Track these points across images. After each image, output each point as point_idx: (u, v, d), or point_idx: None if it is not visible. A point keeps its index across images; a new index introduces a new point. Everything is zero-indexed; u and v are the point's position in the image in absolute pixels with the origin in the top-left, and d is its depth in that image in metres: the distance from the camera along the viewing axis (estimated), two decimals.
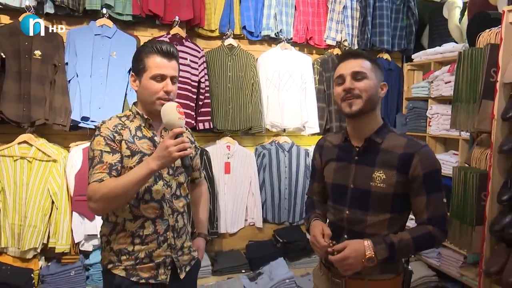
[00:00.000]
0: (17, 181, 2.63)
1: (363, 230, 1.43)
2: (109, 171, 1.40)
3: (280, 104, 3.35)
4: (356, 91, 1.41)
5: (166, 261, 1.53)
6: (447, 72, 3.15)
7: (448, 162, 3.15)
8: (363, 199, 1.44)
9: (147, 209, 1.48)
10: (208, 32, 3.27)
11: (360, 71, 1.42)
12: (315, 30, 3.53)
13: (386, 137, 1.45)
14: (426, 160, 1.39)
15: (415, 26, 3.74)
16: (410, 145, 1.42)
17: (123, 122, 1.51)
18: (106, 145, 1.44)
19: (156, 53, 1.47)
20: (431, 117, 3.38)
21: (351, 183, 1.47)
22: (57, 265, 2.73)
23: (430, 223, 1.39)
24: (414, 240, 1.36)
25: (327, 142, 1.63)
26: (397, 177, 1.39)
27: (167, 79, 1.47)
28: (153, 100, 1.48)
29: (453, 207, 2.43)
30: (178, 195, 1.58)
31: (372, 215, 1.43)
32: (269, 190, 3.41)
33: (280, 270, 3.02)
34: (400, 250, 1.36)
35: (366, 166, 1.45)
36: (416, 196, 1.40)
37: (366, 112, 1.44)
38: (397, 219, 1.45)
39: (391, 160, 1.41)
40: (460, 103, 2.45)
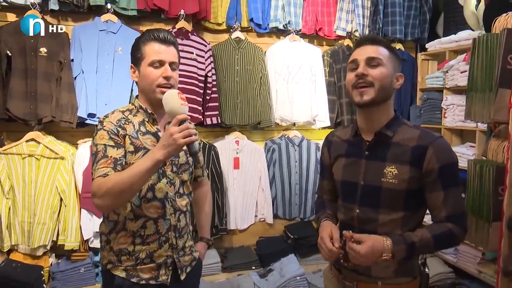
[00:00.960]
0: (26, 179, 2.64)
1: (375, 229, 1.34)
2: (114, 165, 1.35)
3: (289, 98, 3.29)
4: (369, 78, 1.32)
5: (167, 262, 1.49)
6: (462, 61, 3.02)
7: (464, 154, 3.03)
8: (374, 197, 1.35)
9: (149, 208, 1.44)
10: (215, 25, 3.23)
11: (376, 57, 1.33)
12: (324, 21, 3.44)
13: (398, 129, 1.37)
14: (441, 152, 1.30)
15: (429, 14, 3.61)
16: (423, 137, 1.33)
17: (126, 116, 1.46)
18: (110, 139, 1.38)
19: (153, 40, 1.43)
20: (447, 108, 3.26)
21: (361, 180, 1.39)
22: (67, 262, 2.74)
23: (449, 220, 1.30)
24: (434, 238, 1.28)
25: (335, 137, 1.54)
26: (410, 172, 1.31)
27: (165, 65, 1.42)
28: (153, 88, 1.43)
29: (469, 202, 2.33)
30: (181, 193, 1.53)
31: (384, 213, 1.34)
32: (279, 185, 3.35)
33: (291, 267, 2.97)
34: (420, 250, 1.29)
35: (376, 161, 1.36)
36: (432, 191, 1.31)
37: (378, 103, 1.35)
38: (412, 217, 1.36)
39: (403, 154, 1.32)
40: (475, 92, 2.33)
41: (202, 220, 1.76)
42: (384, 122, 1.37)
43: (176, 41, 1.49)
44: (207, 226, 1.77)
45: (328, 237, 1.34)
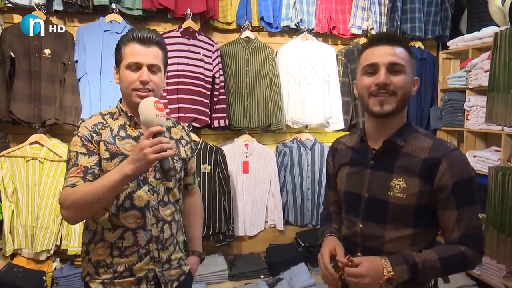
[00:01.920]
0: (29, 182, 2.60)
1: (381, 247, 1.22)
2: (84, 175, 1.27)
3: (301, 99, 3.16)
4: (391, 87, 1.18)
5: (148, 276, 1.38)
6: (487, 60, 2.81)
7: (489, 159, 2.84)
8: (380, 211, 1.22)
9: (127, 218, 1.34)
10: (225, 24, 3.13)
11: (398, 63, 1.19)
12: (339, 19, 3.29)
13: (409, 138, 1.23)
14: (456, 166, 1.16)
15: (451, 10, 3.42)
16: (437, 148, 1.19)
17: (105, 120, 1.38)
18: (83, 146, 1.30)
19: (132, 40, 1.33)
20: (469, 109, 3.06)
21: (365, 192, 1.26)
22: (71, 267, 2.69)
23: (462, 242, 1.16)
24: (441, 261, 1.15)
25: (340, 145, 1.42)
26: (420, 186, 1.17)
27: (143, 68, 1.32)
28: (129, 92, 1.33)
29: (489, 213, 2.15)
30: (165, 202, 1.42)
31: (390, 230, 1.21)
32: (290, 190, 3.22)
33: (301, 277, 2.83)
34: (425, 272, 1.15)
35: (382, 172, 1.23)
36: (444, 210, 1.18)
37: (398, 112, 1.22)
38: (423, 235, 1.22)
39: (413, 165, 1.19)
40: (496, 92, 2.15)
41: (192, 232, 1.64)
42: (395, 129, 1.24)
43: (161, 41, 1.38)
44: (199, 239, 1.66)
45: (329, 253, 1.24)
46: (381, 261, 1.14)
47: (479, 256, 1.19)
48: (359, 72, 1.27)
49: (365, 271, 1.12)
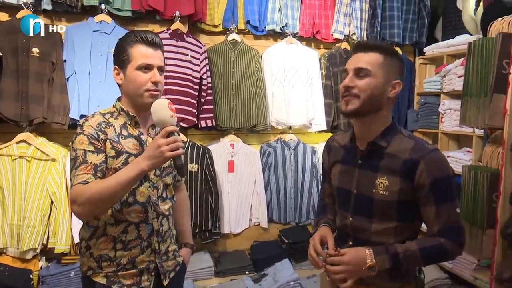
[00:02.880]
0: (16, 181, 2.60)
1: (368, 238, 1.34)
2: (94, 172, 1.31)
3: (285, 101, 3.26)
4: (354, 90, 1.29)
5: (149, 267, 1.45)
6: (460, 66, 3.00)
7: (461, 160, 3.01)
8: (367, 207, 1.34)
9: (130, 213, 1.40)
10: (212, 27, 3.20)
11: (364, 68, 1.29)
12: (322, 24, 3.41)
13: (393, 139, 1.33)
14: (433, 167, 1.26)
15: (427, 18, 3.59)
16: (416, 149, 1.29)
17: (107, 119, 1.42)
18: (90, 144, 1.34)
19: (141, 42, 1.38)
20: (444, 112, 3.24)
21: (354, 189, 1.38)
22: (57, 265, 2.70)
23: (441, 235, 1.27)
24: (421, 251, 1.26)
25: (334, 142, 1.53)
26: (400, 184, 1.28)
27: (154, 69, 1.39)
28: (140, 92, 1.39)
29: (463, 208, 2.30)
30: (164, 197, 1.50)
31: (376, 223, 1.33)
32: (274, 189, 3.32)
33: (285, 272, 2.93)
34: (406, 261, 1.26)
35: (369, 172, 1.34)
36: (425, 205, 1.29)
37: (365, 113, 1.31)
38: (406, 227, 1.34)
39: (395, 165, 1.29)
40: (470, 97, 2.31)
41: (183, 225, 1.71)
42: (379, 131, 1.34)
43: (162, 44, 1.45)
44: (189, 231, 1.74)
45: (319, 238, 1.36)
46: (365, 251, 1.26)
47: (458, 248, 1.30)
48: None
49: (348, 259, 1.25)
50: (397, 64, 1.34)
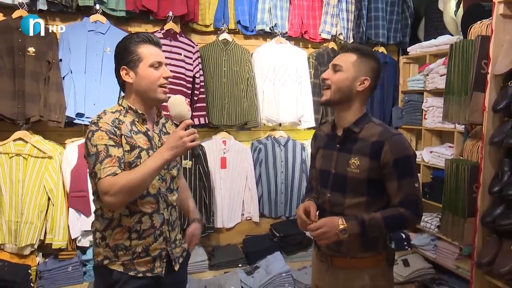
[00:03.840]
0: (13, 178, 2.64)
1: (343, 211, 1.54)
2: (119, 164, 1.40)
3: (275, 99, 3.35)
4: (327, 82, 1.56)
5: (162, 254, 1.55)
6: (442, 65, 3.14)
7: (443, 155, 3.15)
8: (342, 183, 1.56)
9: (144, 204, 1.49)
10: (203, 27, 3.27)
11: (338, 64, 1.55)
12: (310, 24, 3.52)
13: (365, 126, 1.55)
14: (395, 146, 1.48)
15: (410, 19, 3.73)
16: (383, 133, 1.51)
17: (118, 117, 1.50)
18: (110, 139, 1.42)
19: (148, 42, 1.50)
20: (427, 110, 3.38)
21: (333, 169, 1.59)
22: (55, 261, 2.75)
23: (401, 205, 1.47)
24: (384, 219, 1.46)
25: (320, 131, 1.75)
26: (370, 163, 1.49)
27: (163, 66, 1.52)
28: (154, 88, 1.50)
29: (446, 199, 2.45)
30: (172, 189, 1.60)
31: (349, 197, 1.54)
32: (265, 184, 3.42)
33: (277, 264, 3.03)
34: (371, 228, 1.45)
35: (345, 153, 1.56)
36: (388, 181, 1.49)
37: (337, 103, 1.57)
38: (375, 202, 1.54)
39: (365, 147, 1.51)
40: (452, 95, 2.45)
41: (189, 204, 1.80)
42: (353, 119, 1.57)
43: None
44: (195, 208, 1.82)
45: (303, 208, 1.60)
46: (338, 218, 1.47)
47: (416, 218, 1.50)
48: None
49: (322, 223, 1.47)
50: (369, 64, 1.56)
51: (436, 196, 3.10)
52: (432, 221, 3.22)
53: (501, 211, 2.17)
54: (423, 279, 3.10)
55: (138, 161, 1.46)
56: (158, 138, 1.58)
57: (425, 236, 3.38)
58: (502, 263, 2.11)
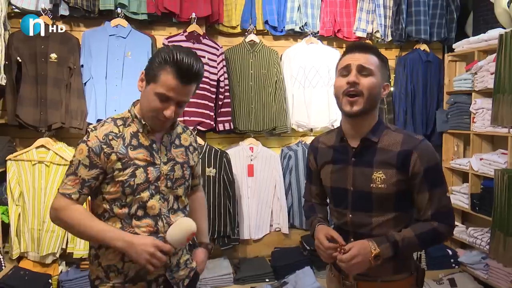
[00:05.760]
0: (36, 186, 2.62)
1: (370, 232, 1.38)
2: (81, 187, 1.31)
3: (306, 102, 3.16)
4: (359, 87, 1.32)
5: (158, 280, 1.40)
6: (492, 62, 2.80)
7: (495, 162, 2.81)
8: (366, 202, 1.38)
9: (140, 226, 1.35)
10: (229, 28, 3.15)
11: (367, 67, 1.33)
12: (343, 22, 3.29)
13: (382, 134, 1.39)
14: (425, 155, 1.34)
15: (456, 12, 3.41)
16: (407, 141, 1.36)
17: (118, 127, 1.36)
18: (87, 158, 1.30)
19: (173, 72, 1.25)
20: (476, 112, 3.05)
21: (351, 186, 1.41)
22: (76, 270, 2.71)
23: (434, 218, 1.35)
24: (417, 237, 1.33)
25: (320, 144, 1.55)
26: (397, 175, 1.34)
27: (171, 103, 1.29)
28: (150, 115, 1.33)
29: (496, 216, 2.13)
30: (175, 209, 1.43)
31: (376, 216, 1.38)
32: (295, 193, 3.21)
33: (307, 280, 2.83)
34: (405, 248, 1.32)
35: (364, 167, 1.39)
36: (419, 192, 1.36)
37: (366, 113, 1.36)
38: (403, 217, 1.40)
39: (389, 159, 1.35)
40: (502, 94, 2.14)
41: (201, 225, 1.60)
42: (369, 128, 1.39)
43: (201, 72, 1.32)
44: (205, 231, 1.65)
45: (325, 237, 1.37)
46: (368, 243, 1.31)
47: (450, 230, 1.37)
48: (336, 76, 1.42)
49: (356, 252, 1.29)
50: (387, 68, 1.43)
51: (487, 209, 2.76)
52: (483, 237, 2.89)
53: None
54: None
55: (132, 180, 1.32)
56: (166, 151, 1.41)
57: (475, 253, 3.04)
58: None
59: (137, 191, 1.33)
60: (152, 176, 1.35)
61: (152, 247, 1.26)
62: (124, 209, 1.34)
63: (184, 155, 1.47)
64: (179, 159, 1.44)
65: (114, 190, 1.33)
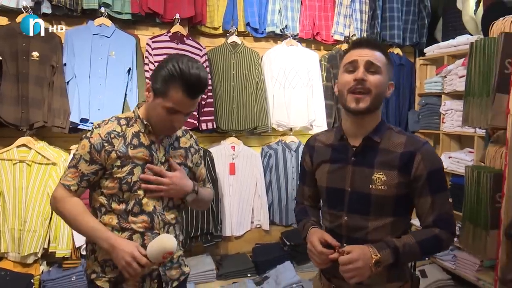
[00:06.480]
0: (16, 185, 2.58)
1: (365, 236, 1.31)
2: (80, 180, 1.39)
3: (286, 103, 3.25)
4: (367, 84, 1.27)
5: (152, 274, 1.45)
6: (461, 66, 3.00)
7: (463, 160, 3.01)
8: (363, 204, 1.32)
9: (136, 222, 1.40)
10: (211, 29, 3.19)
11: (375, 63, 1.28)
12: (322, 25, 3.41)
13: (384, 134, 1.34)
14: (429, 158, 1.28)
15: (427, 19, 3.60)
16: (410, 142, 1.31)
17: (121, 127, 1.42)
18: (88, 153, 1.38)
19: (183, 88, 1.30)
20: (445, 113, 3.24)
21: (348, 186, 1.34)
22: (58, 270, 2.69)
23: (436, 225, 1.29)
24: (419, 244, 1.26)
25: (318, 142, 1.47)
26: (399, 177, 1.28)
27: (181, 115, 1.37)
28: (158, 125, 1.41)
29: (466, 209, 2.29)
30: (170, 207, 1.49)
31: (373, 220, 1.31)
32: (276, 191, 3.31)
33: (287, 274, 2.92)
34: (405, 255, 1.26)
35: (364, 168, 1.32)
36: (420, 196, 1.30)
37: (372, 111, 1.31)
38: (400, 222, 1.34)
39: (391, 160, 1.29)
40: (472, 97, 2.30)
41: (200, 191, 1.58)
42: (372, 127, 1.34)
43: (206, 83, 1.37)
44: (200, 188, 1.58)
45: (319, 242, 1.30)
46: (368, 248, 1.23)
47: (451, 237, 1.32)
48: (340, 71, 1.35)
49: (357, 256, 1.21)
50: (392, 66, 1.38)
51: (455, 204, 2.92)
52: None
53: None
54: None
55: (129, 177, 1.38)
56: (164, 152, 1.47)
57: None
58: None
59: (133, 188, 1.39)
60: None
61: (130, 257, 1.30)
62: (122, 205, 1.40)
63: (183, 157, 1.53)
64: (176, 159, 1.50)
65: (112, 186, 1.39)
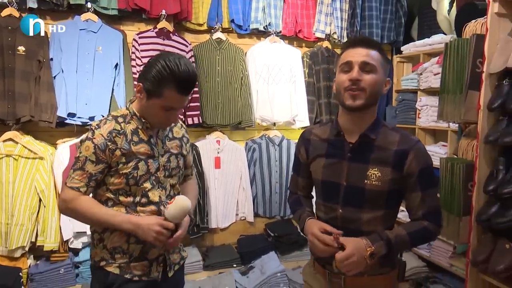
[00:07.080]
0: (3, 179, 2.59)
1: (359, 227, 1.39)
2: (88, 181, 1.43)
3: (269, 98, 3.33)
4: (362, 84, 1.32)
5: (159, 259, 1.54)
6: (435, 64, 3.14)
7: (437, 153, 3.16)
8: (358, 197, 1.39)
9: (144, 211, 1.48)
10: (196, 26, 3.24)
11: (370, 63, 1.32)
12: (304, 23, 3.50)
13: (380, 132, 1.40)
14: (420, 156, 1.36)
15: (404, 18, 3.74)
16: (404, 141, 1.38)
17: (120, 125, 1.47)
18: (93, 154, 1.42)
19: (179, 89, 1.38)
20: (421, 109, 3.39)
21: (344, 181, 1.41)
22: (46, 263, 2.71)
23: (425, 218, 1.38)
24: (410, 235, 1.35)
25: (313, 136, 1.52)
26: (392, 174, 1.36)
27: (176, 110, 1.46)
28: (155, 121, 1.48)
29: (441, 197, 2.45)
30: (172, 196, 1.57)
31: (366, 212, 1.39)
32: (260, 184, 3.40)
33: (272, 264, 3.02)
34: (397, 246, 1.34)
35: (360, 164, 1.39)
36: (411, 192, 1.38)
37: (368, 107, 1.36)
38: (391, 215, 1.44)
39: (386, 157, 1.36)
40: (446, 94, 2.45)
41: None
42: (368, 124, 1.39)
43: (196, 77, 1.46)
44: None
45: (320, 232, 1.36)
46: (362, 241, 1.30)
47: (439, 230, 1.42)
48: (337, 71, 1.40)
49: (352, 251, 1.27)
50: (388, 64, 1.42)
51: None
52: None
53: (496, 209, 2.17)
54: (417, 278, 3.09)
55: (135, 172, 1.45)
56: (162, 144, 1.55)
57: None
58: (498, 261, 2.12)
59: (140, 182, 1.46)
60: (152, 168, 1.49)
61: (158, 226, 1.39)
62: (130, 198, 1.47)
63: (178, 146, 1.61)
64: (173, 150, 1.58)
65: (118, 182, 1.45)
